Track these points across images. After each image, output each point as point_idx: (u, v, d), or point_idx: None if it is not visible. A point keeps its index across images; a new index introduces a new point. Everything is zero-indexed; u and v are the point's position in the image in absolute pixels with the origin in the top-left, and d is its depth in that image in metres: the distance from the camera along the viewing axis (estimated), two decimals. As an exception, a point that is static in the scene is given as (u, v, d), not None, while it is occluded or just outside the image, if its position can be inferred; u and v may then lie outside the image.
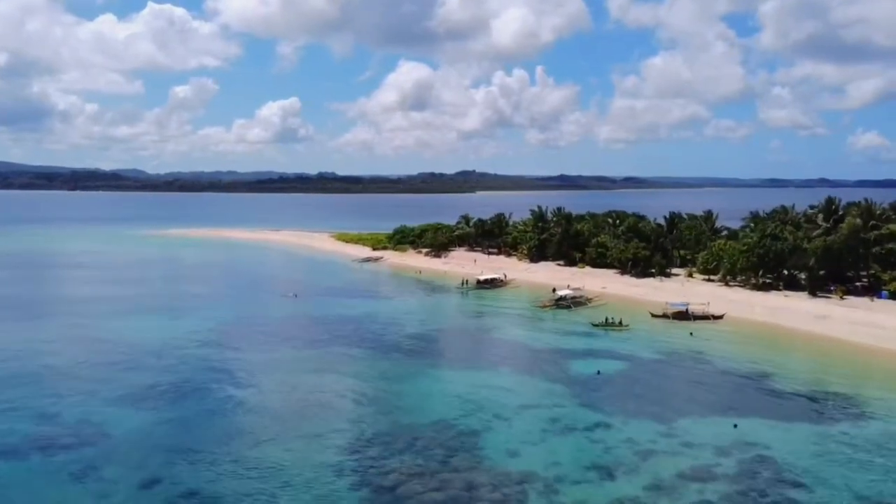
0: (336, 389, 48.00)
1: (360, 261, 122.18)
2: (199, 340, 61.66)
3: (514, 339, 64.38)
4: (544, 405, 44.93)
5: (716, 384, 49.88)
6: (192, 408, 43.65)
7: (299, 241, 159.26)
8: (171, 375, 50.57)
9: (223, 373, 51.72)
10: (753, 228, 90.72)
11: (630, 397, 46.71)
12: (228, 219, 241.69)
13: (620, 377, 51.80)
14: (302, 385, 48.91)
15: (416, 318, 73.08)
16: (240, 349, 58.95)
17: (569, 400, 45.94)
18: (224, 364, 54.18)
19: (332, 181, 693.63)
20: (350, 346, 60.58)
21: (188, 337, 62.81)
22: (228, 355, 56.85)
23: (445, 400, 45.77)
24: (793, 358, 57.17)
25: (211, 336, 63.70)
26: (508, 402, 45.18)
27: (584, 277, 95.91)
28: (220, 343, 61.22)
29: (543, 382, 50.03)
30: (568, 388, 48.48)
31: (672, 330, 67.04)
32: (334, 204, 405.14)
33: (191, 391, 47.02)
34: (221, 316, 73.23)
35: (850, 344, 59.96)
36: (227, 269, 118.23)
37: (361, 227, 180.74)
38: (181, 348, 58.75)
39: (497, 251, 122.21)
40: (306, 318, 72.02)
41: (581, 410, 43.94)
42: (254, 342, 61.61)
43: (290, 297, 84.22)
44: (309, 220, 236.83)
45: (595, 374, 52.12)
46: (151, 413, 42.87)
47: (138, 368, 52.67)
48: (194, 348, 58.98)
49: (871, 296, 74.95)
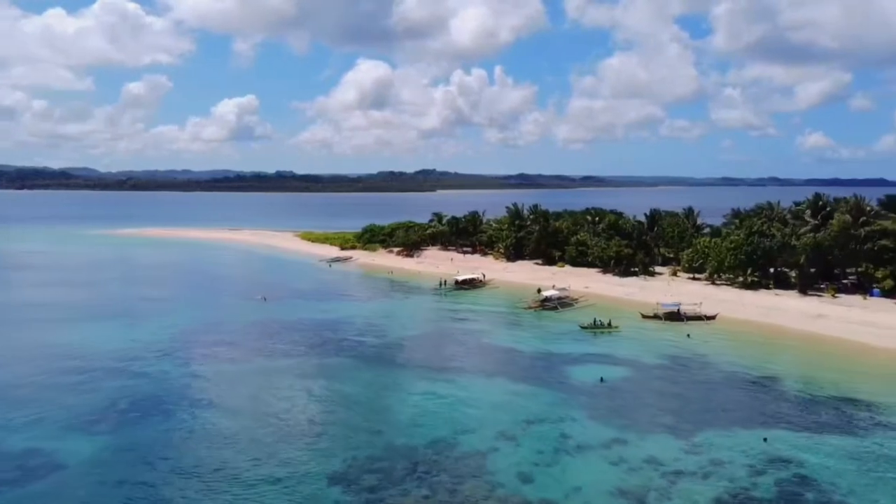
0: (317, 406, 43.20)
1: (328, 261, 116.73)
2: (159, 351, 55.96)
3: (504, 343, 60.23)
4: (551, 419, 40.89)
5: (729, 391, 46.54)
6: (154, 431, 38.33)
7: (262, 240, 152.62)
8: (130, 393, 45.01)
9: (189, 388, 46.40)
10: (739, 225, 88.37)
11: (641, 408, 43.05)
12: (185, 218, 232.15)
13: (626, 385, 48.14)
14: (277, 401, 43.91)
15: (395, 323, 68.44)
16: (206, 360, 53.51)
17: (576, 412, 41.99)
18: (189, 378, 48.80)
19: (291, 180, 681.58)
20: (328, 354, 55.66)
21: (148, 347, 57.05)
22: (194, 368, 51.40)
23: (442, 416, 41.36)
24: (800, 360, 54.31)
25: (173, 346, 58.01)
26: (511, 417, 41.03)
27: (566, 277, 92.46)
28: (184, 354, 55.63)
29: (545, 393, 45.99)
30: (573, 399, 44.56)
31: (666, 332, 63.83)
32: (294, 203, 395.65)
33: (152, 411, 41.61)
34: (183, 322, 67.40)
35: (855, 344, 57.51)
36: (187, 270, 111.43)
37: (324, 227, 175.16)
38: (140, 360, 53.02)
39: (472, 250, 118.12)
40: (277, 324, 66.65)
41: (592, 425, 40.03)
42: (221, 352, 56.18)
43: (258, 300, 78.65)
44: (270, 219, 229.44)
45: (598, 381, 48.43)
46: (108, 439, 37.46)
47: (92, 385, 46.91)
48: (155, 360, 53.31)
49: (863, 294, 73.09)
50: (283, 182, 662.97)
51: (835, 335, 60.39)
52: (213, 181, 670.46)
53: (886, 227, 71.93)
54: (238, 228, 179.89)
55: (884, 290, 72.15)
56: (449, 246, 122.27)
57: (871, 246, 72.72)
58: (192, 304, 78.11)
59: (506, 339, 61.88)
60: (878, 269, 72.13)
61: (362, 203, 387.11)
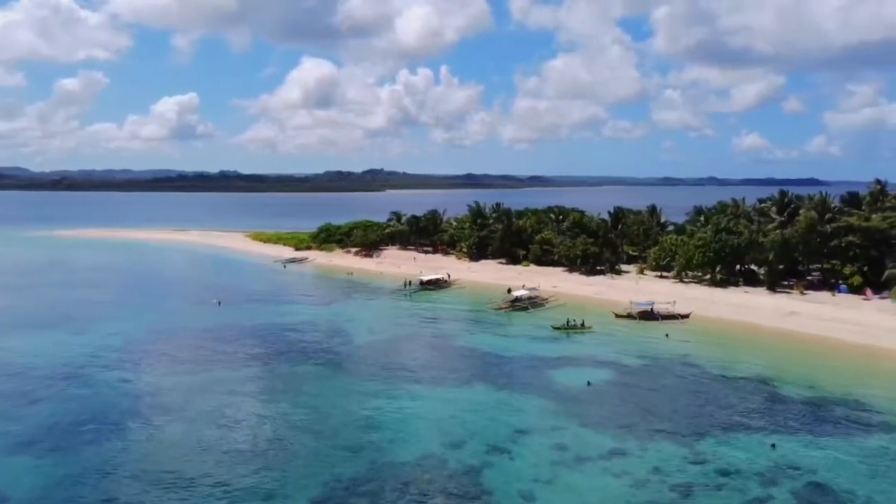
0: (288, 422, 39.49)
1: (283, 262, 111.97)
2: (107, 361, 51.19)
3: (480, 347, 57.41)
4: (542, 429, 38.32)
5: (719, 394, 44.79)
6: (106, 454, 34.10)
7: (211, 241, 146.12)
8: (77, 409, 40.51)
9: (142, 403, 42.10)
10: (704, 223, 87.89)
11: (634, 414, 40.82)
12: (127, 218, 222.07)
13: (613, 389, 45.97)
14: (243, 417, 40.07)
15: (362, 326, 64.90)
16: (159, 371, 49.08)
17: (567, 420, 39.52)
18: (141, 392, 44.45)
19: (235, 180, 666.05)
20: (293, 362, 51.88)
21: (93, 357, 52.19)
22: (146, 380, 46.97)
23: (426, 428, 38.33)
24: (783, 359, 52.98)
25: (122, 355, 53.21)
26: (500, 428, 38.27)
27: (533, 276, 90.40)
28: (134, 364, 50.98)
29: (531, 400, 43.40)
30: (561, 406, 42.10)
31: (643, 331, 62.20)
32: (241, 203, 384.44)
33: (103, 430, 37.27)
34: (132, 329, 62.33)
35: (832, 341, 56.89)
36: (132, 273, 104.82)
37: (274, 227, 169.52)
38: (86, 372, 48.26)
39: (432, 250, 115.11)
40: (236, 330, 62.31)
41: (586, 433, 37.62)
42: (175, 362, 51.75)
43: (213, 304, 73.92)
44: (217, 219, 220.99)
45: (585, 385, 46.21)
46: (54, 463, 33.13)
47: (33, 402, 42.17)
48: (102, 372, 48.60)
49: (831, 290, 73.12)
50: (228, 182, 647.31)
51: (810, 332, 59.73)
52: (155, 181, 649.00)
53: (852, 224, 72.12)
54: (184, 229, 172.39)
55: (850, 287, 72.33)
56: (408, 246, 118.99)
57: (837, 242, 72.80)
58: (140, 309, 72.82)
59: (480, 341, 59.10)
60: (846, 265, 72.23)
61: (311, 203, 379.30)
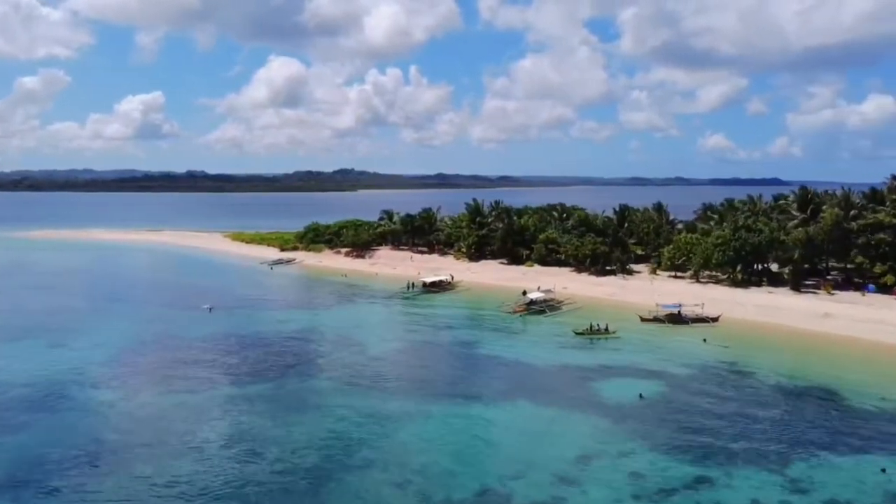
0: (316, 451, 34.18)
1: (270, 263, 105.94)
2: (92, 378, 45.31)
3: (505, 355, 52.58)
4: (608, 453, 33.69)
5: (789, 407, 40.72)
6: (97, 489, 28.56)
7: (189, 242, 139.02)
8: (60, 439, 34.78)
9: (135, 432, 36.42)
10: (719, 221, 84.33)
11: (706, 432, 36.35)
12: (96, 219, 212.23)
13: (669, 402, 41.46)
14: (261, 445, 34.63)
15: (371, 333, 59.67)
16: (153, 391, 43.35)
17: (633, 442, 34.95)
18: (133, 417, 38.79)
19: (203, 180, 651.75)
20: (305, 377, 46.55)
21: (76, 374, 46.24)
22: (138, 402, 41.25)
23: (477, 455, 33.46)
24: (838, 365, 48.77)
25: (109, 371, 47.34)
26: (560, 453, 33.57)
27: (538, 276, 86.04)
28: (125, 381, 45.15)
29: (584, 417, 38.82)
30: (620, 424, 37.54)
31: (675, 336, 58.14)
32: (211, 203, 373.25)
33: (94, 462, 31.64)
34: (118, 340, 56.28)
35: (879, 346, 53.43)
36: (110, 276, 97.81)
37: (252, 227, 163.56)
38: (68, 392, 42.38)
39: (427, 249, 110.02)
40: (234, 340, 56.60)
41: (660, 458, 33.04)
42: (171, 379, 45.94)
43: (204, 310, 68.00)
44: (190, 219, 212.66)
45: (637, 399, 41.74)
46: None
47: (7, 428, 36.22)
48: (87, 390, 42.80)
49: (858, 290, 69.97)
50: (195, 182, 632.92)
51: (851, 335, 56.24)
52: (120, 181, 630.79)
53: (882, 221, 68.94)
54: (158, 229, 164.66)
55: (879, 286, 69.25)
56: (401, 245, 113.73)
57: (865, 240, 69.62)
58: (124, 316, 66.58)
59: (505, 349, 54.27)
60: (875, 264, 69.06)
61: (284, 203, 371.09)
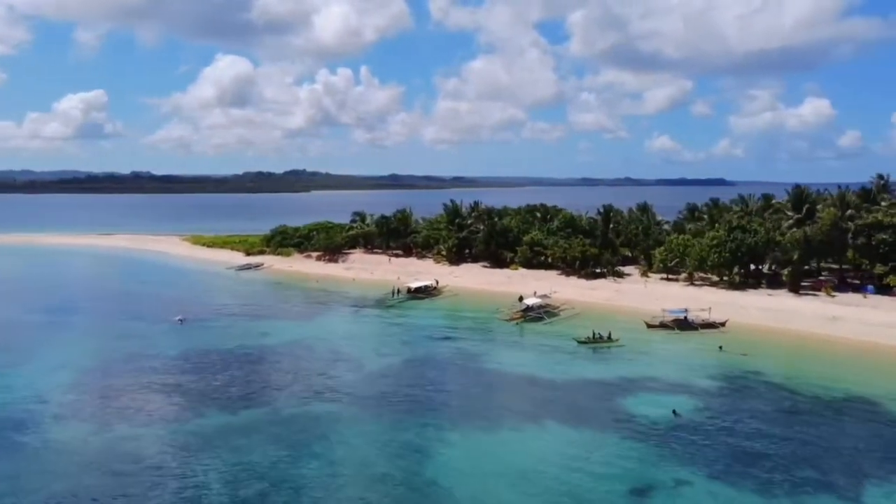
0: (332, 486, 29.53)
1: (236, 268, 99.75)
2: (56, 409, 39.56)
3: (515, 369, 48.60)
4: (662, 483, 30.16)
5: (839, 424, 37.82)
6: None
7: (146, 246, 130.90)
8: (18, 488, 29.18)
9: (118, 467, 31.11)
10: (709, 221, 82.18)
11: (758, 457, 32.97)
12: (38, 222, 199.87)
13: (708, 421, 38.07)
14: (273, 483, 29.79)
15: (364, 347, 54.88)
16: (132, 421, 37.88)
17: (685, 469, 31.42)
18: (114, 452, 33.35)
19: (149, 180, 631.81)
20: (302, 400, 41.62)
21: (36, 401, 40.42)
22: (117, 434, 35.82)
23: (521, 490, 29.31)
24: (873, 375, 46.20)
25: (74, 398, 41.58)
26: (609, 485, 29.87)
27: (525, 280, 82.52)
28: (94, 412, 39.51)
29: (621, 440, 35.10)
30: (663, 448, 33.94)
31: (686, 343, 55.28)
32: (160, 204, 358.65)
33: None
34: (80, 360, 50.11)
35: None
36: (63, 285, 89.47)
37: (208, 230, 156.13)
38: (25, 426, 36.55)
39: (402, 252, 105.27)
40: (215, 357, 51.02)
41: (723, 489, 29.65)
42: (152, 406, 40.46)
43: (174, 322, 62.08)
44: (142, 222, 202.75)
45: (671, 416, 38.31)
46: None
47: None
48: (49, 424, 37.14)
49: (856, 291, 68.46)
50: (141, 183, 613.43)
51: (869, 340, 54.19)
52: (60, 182, 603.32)
53: (882, 221, 67.52)
54: (110, 233, 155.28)
55: (878, 287, 67.88)
56: (375, 249, 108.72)
57: (864, 240, 68.14)
58: (85, 331, 60.22)
59: (513, 362, 50.27)
60: (875, 264, 67.62)
61: (237, 204, 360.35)
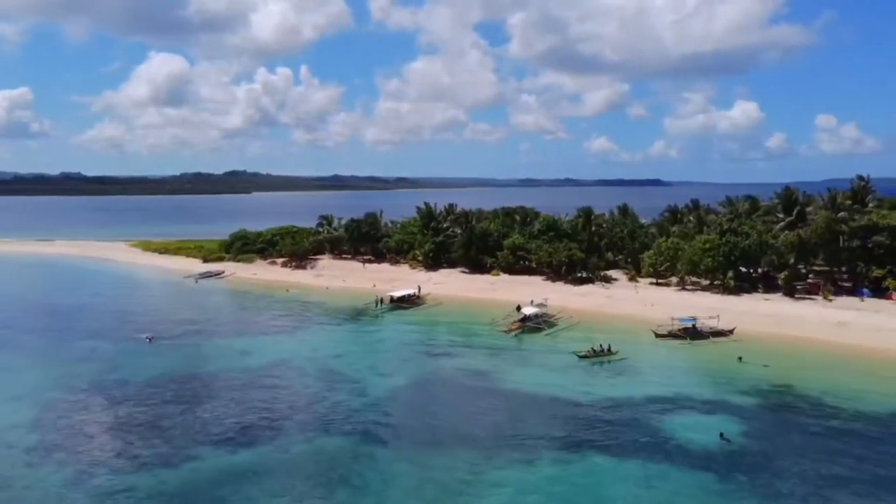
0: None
1: (196, 277, 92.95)
2: (20, 453, 33.74)
3: (537, 391, 44.41)
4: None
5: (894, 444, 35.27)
6: None
7: (92, 253, 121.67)
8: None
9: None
10: (697, 224, 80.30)
11: (830, 487, 29.97)
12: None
13: (759, 445, 34.92)
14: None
15: (360, 366, 50.01)
16: (113, 464, 32.36)
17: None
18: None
19: (80, 182, 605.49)
20: (309, 432, 36.82)
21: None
22: (97, 483, 30.28)
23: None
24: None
25: (39, 438, 35.66)
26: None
27: (509, 286, 79.03)
28: (68, 455, 33.75)
29: (679, 471, 31.74)
30: (727, 481, 30.65)
31: (702, 355, 52.64)
32: (95, 207, 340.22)
33: None
34: (41, 388, 43.78)
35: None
36: (7, 299, 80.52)
37: (153, 234, 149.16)
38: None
39: (374, 258, 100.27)
40: (197, 384, 45.37)
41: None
42: (135, 446, 34.94)
43: (142, 340, 55.91)
44: (80, 226, 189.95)
45: (719, 440, 35.14)
46: None
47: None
48: (15, 470, 31.31)
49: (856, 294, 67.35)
50: (71, 184, 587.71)
51: (887, 347, 52.47)
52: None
53: (878, 223, 66.57)
54: (49, 239, 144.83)
55: (873, 290, 66.97)
56: (344, 254, 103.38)
57: (860, 243, 67.10)
58: (43, 353, 53.52)
59: (530, 381, 46.29)
60: (871, 267, 66.64)
61: (177, 206, 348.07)
